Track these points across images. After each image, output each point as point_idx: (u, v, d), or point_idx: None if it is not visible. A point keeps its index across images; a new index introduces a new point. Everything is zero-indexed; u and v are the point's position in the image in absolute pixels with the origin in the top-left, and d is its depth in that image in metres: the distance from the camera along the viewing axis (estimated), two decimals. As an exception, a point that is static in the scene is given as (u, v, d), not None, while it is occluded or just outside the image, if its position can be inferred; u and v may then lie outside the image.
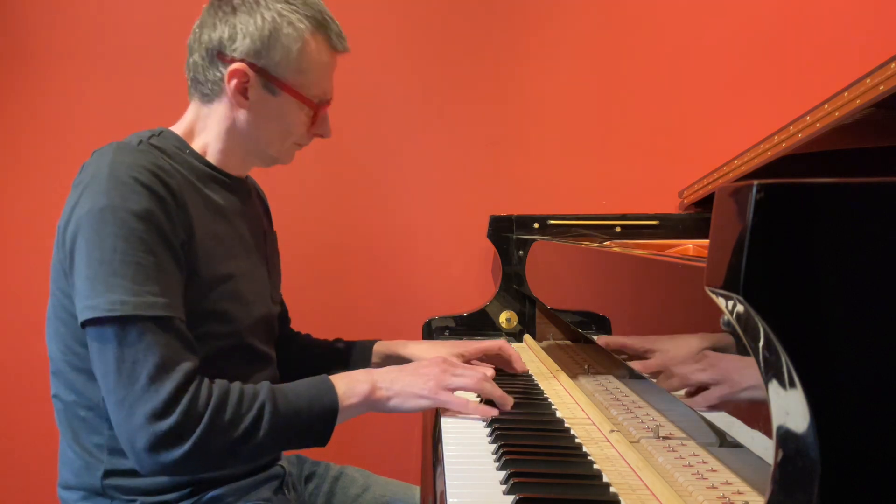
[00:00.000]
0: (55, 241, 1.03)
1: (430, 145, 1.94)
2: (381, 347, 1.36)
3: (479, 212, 1.86)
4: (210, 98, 1.12)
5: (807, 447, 0.47)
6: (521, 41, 1.93)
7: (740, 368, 0.56)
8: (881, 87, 1.04)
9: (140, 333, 0.92)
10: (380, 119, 1.93)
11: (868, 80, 1.07)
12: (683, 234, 1.74)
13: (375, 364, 1.34)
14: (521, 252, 1.77)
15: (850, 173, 0.60)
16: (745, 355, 0.52)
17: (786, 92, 1.84)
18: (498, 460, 0.90)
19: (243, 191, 1.19)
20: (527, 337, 1.73)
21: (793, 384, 0.48)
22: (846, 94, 1.12)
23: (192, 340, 0.98)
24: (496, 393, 1.10)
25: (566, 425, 1.04)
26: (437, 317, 1.77)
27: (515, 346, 1.66)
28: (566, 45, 1.93)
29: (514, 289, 1.79)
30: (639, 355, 0.86)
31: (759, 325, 0.49)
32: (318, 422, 1.00)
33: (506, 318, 1.79)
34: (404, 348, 1.34)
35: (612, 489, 0.80)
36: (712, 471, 0.79)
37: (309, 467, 1.31)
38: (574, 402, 1.16)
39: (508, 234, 1.81)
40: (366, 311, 1.92)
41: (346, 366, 1.34)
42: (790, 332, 0.48)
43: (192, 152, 1.12)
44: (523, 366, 1.34)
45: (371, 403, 1.04)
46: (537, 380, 1.30)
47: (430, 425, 1.13)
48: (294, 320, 1.45)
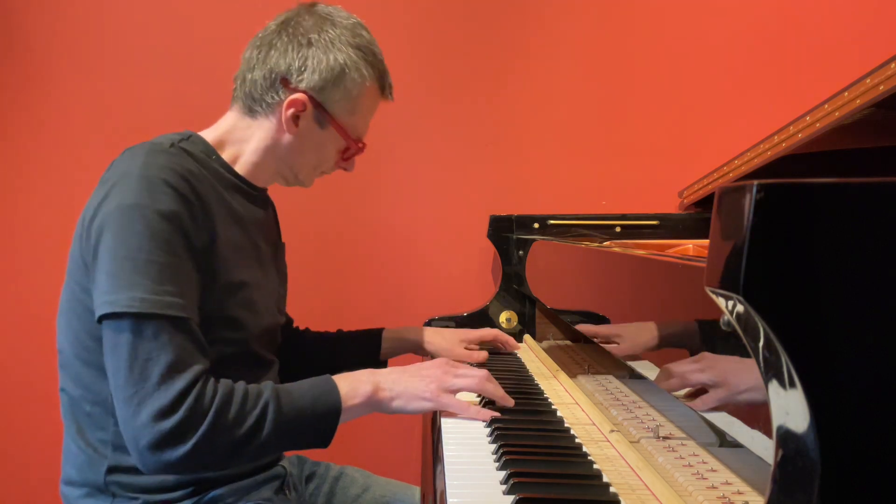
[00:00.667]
0: (75, 234, 1.04)
1: (430, 145, 1.94)
2: (391, 334, 1.44)
3: (479, 212, 1.86)
4: (256, 114, 1.14)
5: (807, 447, 0.47)
6: (521, 41, 1.93)
7: (740, 369, 0.56)
8: (881, 87, 1.04)
9: (156, 332, 0.93)
10: (380, 119, 1.91)
11: (868, 80, 1.07)
12: (683, 234, 1.74)
13: (387, 350, 1.43)
14: (521, 252, 1.77)
15: (850, 173, 0.60)
16: (745, 355, 0.52)
17: (786, 92, 1.84)
18: (498, 460, 0.90)
19: (263, 203, 1.22)
20: (527, 337, 1.73)
21: (793, 384, 0.48)
22: (846, 94, 1.12)
23: (205, 343, 0.98)
24: (498, 393, 1.11)
25: (566, 425, 1.04)
26: (437, 317, 1.77)
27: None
28: (566, 44, 1.93)
29: (514, 289, 1.79)
30: (638, 354, 0.86)
31: (759, 324, 0.49)
32: (321, 421, 1.01)
33: (506, 318, 1.79)
34: (411, 333, 1.45)
35: (612, 489, 0.80)
36: (712, 471, 0.79)
37: (309, 467, 1.31)
38: (574, 402, 1.16)
39: (508, 234, 1.81)
40: (366, 311, 1.91)
41: (357, 354, 1.42)
42: (790, 332, 0.48)
43: (219, 159, 1.14)
44: (516, 344, 1.56)
45: (374, 404, 1.05)
46: (537, 380, 1.30)
47: (430, 425, 1.13)
48: (294, 320, 1.45)
